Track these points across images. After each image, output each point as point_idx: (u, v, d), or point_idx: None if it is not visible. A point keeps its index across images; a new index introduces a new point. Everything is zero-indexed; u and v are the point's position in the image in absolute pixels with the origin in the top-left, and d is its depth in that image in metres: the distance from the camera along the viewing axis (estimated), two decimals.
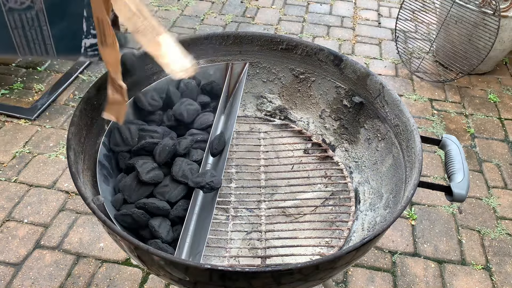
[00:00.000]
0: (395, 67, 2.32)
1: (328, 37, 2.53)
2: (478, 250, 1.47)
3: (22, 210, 1.50)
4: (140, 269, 1.34)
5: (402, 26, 2.37)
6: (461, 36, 2.10)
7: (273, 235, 0.88)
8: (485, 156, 1.83)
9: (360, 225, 0.87)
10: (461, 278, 1.39)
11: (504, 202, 1.64)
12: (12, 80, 2.05)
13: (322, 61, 1.02)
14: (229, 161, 0.99)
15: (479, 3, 1.99)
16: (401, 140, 0.85)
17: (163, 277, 0.71)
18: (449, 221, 1.56)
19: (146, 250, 0.60)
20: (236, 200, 0.93)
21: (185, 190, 0.81)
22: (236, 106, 0.98)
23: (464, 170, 0.77)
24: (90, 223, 1.47)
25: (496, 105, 2.12)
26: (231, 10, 2.72)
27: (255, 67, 1.08)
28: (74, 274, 1.33)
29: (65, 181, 1.60)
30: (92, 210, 0.65)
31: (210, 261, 0.84)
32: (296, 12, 2.75)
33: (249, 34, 1.03)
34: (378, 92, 0.92)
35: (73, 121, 0.78)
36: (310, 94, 1.07)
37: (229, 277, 0.61)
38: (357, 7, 2.84)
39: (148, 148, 0.83)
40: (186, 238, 0.79)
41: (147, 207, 0.77)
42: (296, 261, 0.84)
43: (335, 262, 0.64)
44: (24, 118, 1.85)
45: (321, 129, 1.07)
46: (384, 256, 1.43)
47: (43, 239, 1.41)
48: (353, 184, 0.97)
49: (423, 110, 2.05)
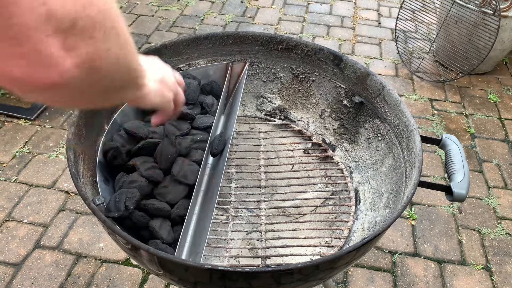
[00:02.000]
0: (395, 67, 2.32)
1: (328, 37, 2.52)
2: (478, 250, 1.47)
3: (22, 210, 1.50)
4: (140, 269, 1.34)
5: (402, 26, 2.37)
6: (461, 36, 2.10)
7: (273, 235, 0.88)
8: (485, 156, 1.83)
9: (360, 225, 0.87)
10: (461, 278, 1.39)
11: (504, 202, 1.64)
12: None
13: (322, 61, 1.02)
14: (229, 161, 0.99)
15: (479, 3, 1.99)
16: (401, 140, 0.85)
17: (163, 277, 0.71)
18: (449, 221, 1.56)
19: (146, 250, 0.60)
20: (236, 200, 0.93)
21: (186, 190, 0.81)
22: (236, 106, 0.98)
23: (464, 170, 0.77)
24: (90, 223, 1.47)
25: (496, 105, 2.12)
26: (231, 10, 2.72)
27: (255, 67, 1.08)
28: (74, 274, 1.33)
29: (65, 181, 1.60)
30: (92, 210, 0.65)
31: (210, 261, 0.84)
32: (296, 12, 2.75)
33: (249, 34, 1.03)
34: (378, 92, 0.92)
35: (73, 121, 0.78)
36: (310, 94, 1.07)
37: (229, 277, 0.61)
38: (357, 7, 2.84)
39: (148, 148, 0.83)
40: (186, 238, 0.79)
41: (148, 208, 0.76)
42: (296, 261, 0.84)
43: (335, 262, 0.64)
44: (24, 118, 1.85)
45: (321, 129, 1.07)
46: (384, 256, 1.43)
47: (43, 239, 1.41)
48: (353, 184, 0.97)
49: (423, 110, 2.05)
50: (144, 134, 0.85)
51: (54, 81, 0.31)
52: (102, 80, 0.36)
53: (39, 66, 0.30)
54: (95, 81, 0.35)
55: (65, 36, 0.30)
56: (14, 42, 0.28)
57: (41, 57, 0.29)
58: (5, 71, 0.30)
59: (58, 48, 0.30)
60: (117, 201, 0.74)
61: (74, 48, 0.31)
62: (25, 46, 0.28)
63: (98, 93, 0.39)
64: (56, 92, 0.33)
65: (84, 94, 0.37)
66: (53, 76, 0.31)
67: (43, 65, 0.30)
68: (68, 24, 0.29)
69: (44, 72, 0.30)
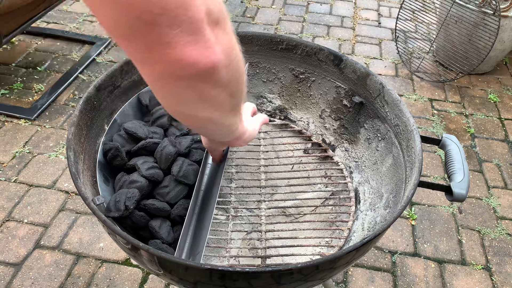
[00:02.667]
0: (395, 67, 2.32)
1: (328, 37, 2.52)
2: (478, 250, 1.47)
3: (22, 210, 1.50)
4: (140, 269, 1.34)
5: (402, 26, 2.37)
6: (461, 36, 2.10)
7: (273, 235, 0.88)
8: (485, 156, 1.83)
9: (360, 225, 0.87)
10: (461, 278, 1.39)
11: (504, 202, 1.64)
12: (12, 80, 2.05)
13: (322, 61, 1.02)
14: (229, 161, 0.99)
15: (479, 3, 1.99)
16: (401, 140, 0.85)
17: (163, 277, 0.71)
18: (449, 221, 1.56)
19: (146, 250, 0.60)
20: (236, 200, 0.93)
21: (186, 190, 0.81)
22: None
23: (464, 170, 0.77)
24: (90, 223, 1.47)
25: (496, 105, 2.12)
26: (231, 10, 2.72)
27: (255, 67, 1.08)
28: (74, 274, 1.33)
29: (65, 181, 1.60)
30: (92, 210, 0.65)
31: (210, 261, 0.84)
32: (296, 12, 2.75)
33: (249, 34, 1.03)
34: (378, 92, 0.92)
35: (73, 121, 0.78)
36: (310, 94, 1.07)
37: (229, 277, 0.61)
38: (357, 7, 2.84)
39: (148, 148, 0.83)
40: (186, 238, 0.79)
41: (147, 208, 0.76)
42: (296, 261, 0.84)
43: (335, 262, 0.64)
44: (24, 118, 1.85)
45: (321, 129, 1.07)
46: (384, 256, 1.43)
47: (43, 239, 1.41)
48: (353, 184, 0.97)
49: (423, 110, 2.05)
50: (144, 134, 0.85)
51: (213, 60, 0.40)
52: (233, 76, 0.45)
53: (205, 49, 0.39)
54: (231, 74, 0.44)
55: (213, 27, 0.39)
56: (190, 31, 0.37)
57: (205, 42, 0.38)
58: (184, 56, 0.38)
59: (212, 35, 0.39)
60: (117, 201, 0.74)
61: (218, 37, 0.40)
62: (198, 34, 0.38)
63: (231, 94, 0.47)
64: (212, 78, 0.42)
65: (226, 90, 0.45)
66: (213, 56, 0.40)
67: (207, 48, 0.39)
68: (216, 18, 0.39)
69: (208, 53, 0.39)
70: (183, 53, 0.38)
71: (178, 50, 0.37)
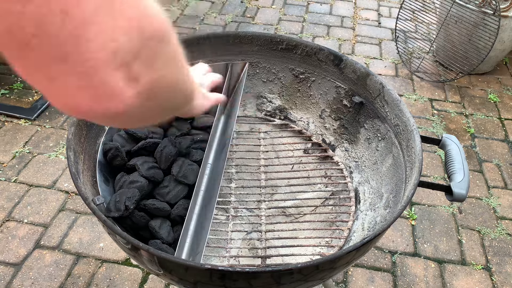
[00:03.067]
0: (395, 67, 2.32)
1: (328, 37, 2.52)
2: (478, 250, 1.47)
3: (22, 210, 1.50)
4: (140, 269, 1.34)
5: (402, 26, 2.37)
6: (461, 36, 2.10)
7: (273, 235, 0.88)
8: (485, 156, 1.83)
9: (360, 225, 0.87)
10: (461, 278, 1.39)
11: (504, 202, 1.64)
12: (12, 80, 2.05)
13: (322, 61, 1.02)
14: (229, 161, 0.99)
15: (479, 3, 1.99)
16: (401, 139, 0.85)
17: (163, 277, 0.71)
18: (449, 221, 1.56)
19: (146, 250, 0.60)
20: (236, 200, 0.93)
21: (186, 190, 0.81)
22: (236, 106, 0.98)
23: (464, 170, 0.77)
24: (90, 223, 1.47)
25: (496, 105, 2.12)
26: (231, 10, 2.72)
27: (255, 67, 1.08)
28: (74, 274, 1.33)
29: (65, 181, 1.60)
30: (92, 210, 0.65)
31: (210, 261, 0.84)
32: (296, 12, 2.75)
33: (249, 34, 1.03)
34: (378, 92, 0.92)
35: (73, 121, 0.78)
36: (310, 94, 1.07)
37: (229, 277, 0.61)
38: (357, 7, 2.84)
39: (148, 148, 0.83)
40: (186, 238, 0.79)
41: (147, 208, 0.76)
42: (296, 261, 0.84)
43: (335, 262, 0.64)
44: (24, 118, 1.85)
45: (321, 129, 1.07)
46: (384, 256, 1.43)
47: (43, 239, 1.41)
48: (353, 184, 0.97)
49: (423, 110, 2.05)
50: (144, 134, 0.85)
51: (117, 110, 0.32)
52: (160, 104, 0.37)
53: (104, 97, 0.30)
54: (154, 106, 0.36)
55: (128, 68, 0.30)
56: (83, 76, 0.28)
57: (106, 89, 0.30)
58: (72, 102, 0.30)
59: (122, 79, 0.30)
60: (117, 201, 0.74)
61: (135, 79, 0.31)
62: (94, 79, 0.29)
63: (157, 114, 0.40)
64: (118, 119, 0.34)
65: (144, 116, 0.37)
66: (117, 106, 0.31)
67: (108, 96, 0.30)
68: (132, 57, 0.30)
69: (108, 102, 0.31)
70: (75, 100, 0.30)
71: (69, 92, 0.29)
